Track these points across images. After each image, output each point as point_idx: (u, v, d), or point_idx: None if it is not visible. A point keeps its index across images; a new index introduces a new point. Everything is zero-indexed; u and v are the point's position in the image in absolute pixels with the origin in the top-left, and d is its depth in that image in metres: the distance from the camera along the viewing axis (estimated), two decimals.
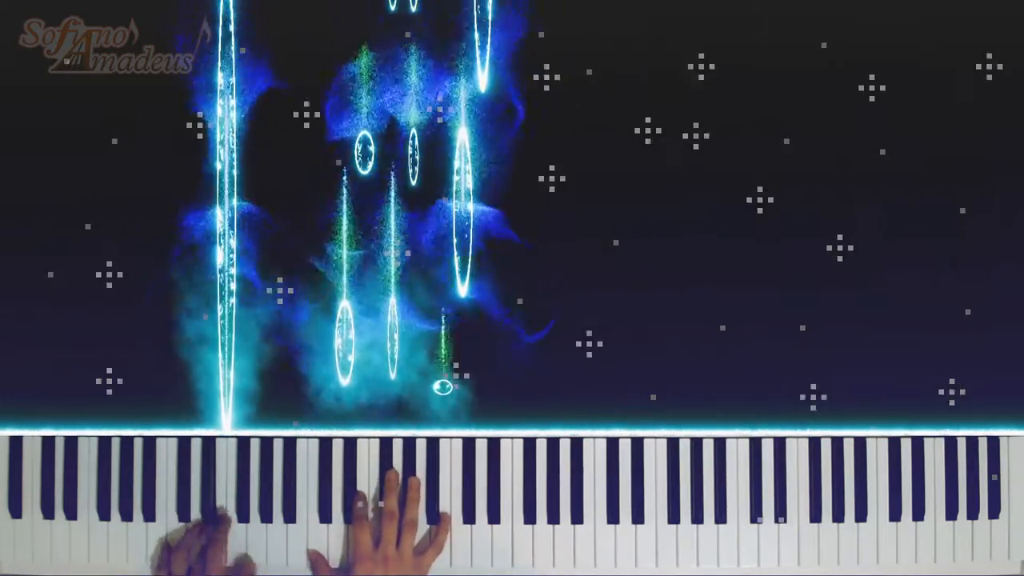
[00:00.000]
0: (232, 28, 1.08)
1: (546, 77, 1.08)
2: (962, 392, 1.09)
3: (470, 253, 1.08)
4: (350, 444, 1.09)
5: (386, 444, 1.09)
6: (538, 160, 1.08)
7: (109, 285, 1.08)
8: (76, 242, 1.08)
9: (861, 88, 1.09)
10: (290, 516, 1.08)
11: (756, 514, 1.08)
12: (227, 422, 1.08)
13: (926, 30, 1.09)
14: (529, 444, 1.09)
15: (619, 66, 1.09)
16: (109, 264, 1.08)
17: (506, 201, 1.08)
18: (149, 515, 1.08)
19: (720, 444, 1.09)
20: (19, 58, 1.08)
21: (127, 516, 1.08)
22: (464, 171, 1.08)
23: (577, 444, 1.09)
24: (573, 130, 1.08)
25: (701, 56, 1.08)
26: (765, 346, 1.09)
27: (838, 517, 1.09)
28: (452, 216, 1.08)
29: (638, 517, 1.08)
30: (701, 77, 1.09)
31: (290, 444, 1.09)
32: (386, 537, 1.04)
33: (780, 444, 1.09)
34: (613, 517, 1.08)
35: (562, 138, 1.08)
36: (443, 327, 1.08)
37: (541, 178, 1.08)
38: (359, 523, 1.05)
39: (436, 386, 1.05)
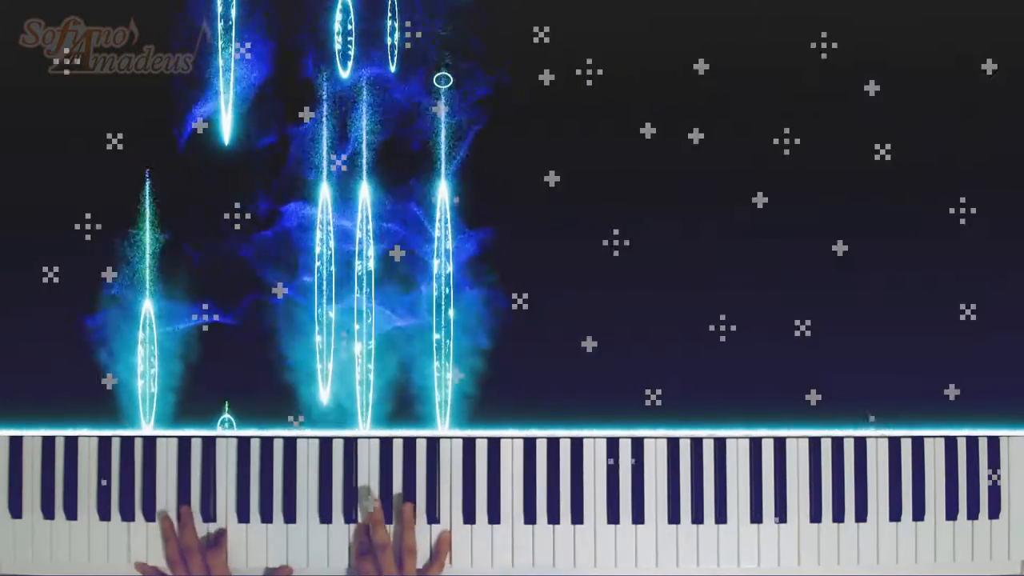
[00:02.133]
0: (232, 27, 1.08)
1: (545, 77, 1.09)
2: (962, 392, 1.09)
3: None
4: (350, 444, 1.09)
5: (386, 444, 1.09)
6: (537, 160, 1.09)
7: (109, 285, 1.08)
8: (76, 242, 1.08)
9: (861, 88, 1.09)
10: (290, 516, 1.08)
11: (756, 514, 1.08)
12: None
13: (926, 30, 1.09)
14: (529, 444, 1.09)
15: (619, 66, 1.09)
16: (109, 264, 1.08)
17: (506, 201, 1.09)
18: (149, 515, 1.08)
19: (720, 444, 1.09)
20: (19, 58, 1.08)
21: (127, 516, 1.08)
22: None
23: (577, 444, 1.09)
24: (573, 130, 1.08)
25: (701, 56, 1.08)
26: (765, 346, 1.09)
27: (838, 517, 1.08)
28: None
29: (638, 517, 1.08)
30: (701, 77, 1.09)
31: (290, 444, 1.09)
32: (386, 567, 1.04)
33: (780, 444, 1.09)
34: (613, 517, 1.08)
35: (562, 138, 1.08)
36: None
37: (541, 179, 1.09)
38: (360, 558, 1.05)
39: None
